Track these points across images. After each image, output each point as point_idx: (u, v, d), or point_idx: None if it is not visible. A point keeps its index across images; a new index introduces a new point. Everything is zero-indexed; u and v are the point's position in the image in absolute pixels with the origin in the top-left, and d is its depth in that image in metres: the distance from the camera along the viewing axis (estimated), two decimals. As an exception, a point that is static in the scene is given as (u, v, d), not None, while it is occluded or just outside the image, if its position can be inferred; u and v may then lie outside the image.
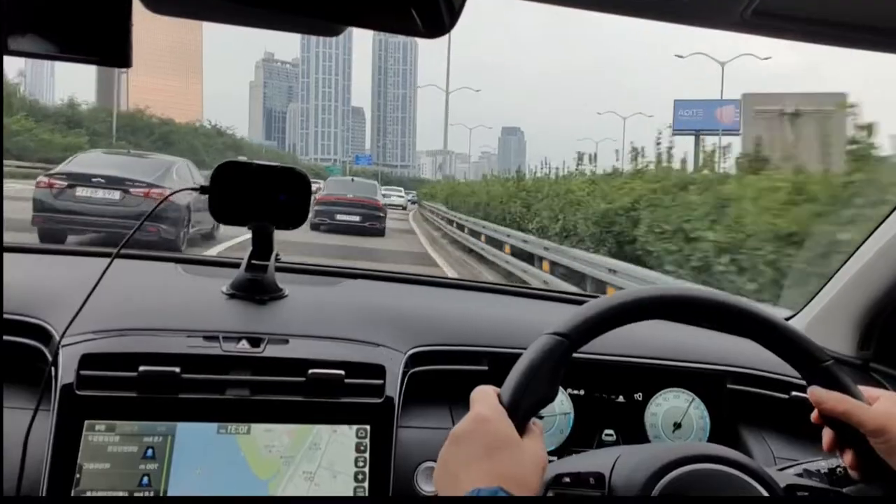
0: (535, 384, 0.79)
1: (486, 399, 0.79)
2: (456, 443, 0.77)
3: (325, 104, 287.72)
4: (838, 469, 0.92)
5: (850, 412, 0.83)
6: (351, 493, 1.05)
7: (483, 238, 14.59)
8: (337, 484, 1.04)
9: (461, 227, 17.94)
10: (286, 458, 1.04)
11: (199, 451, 1.02)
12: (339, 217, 16.70)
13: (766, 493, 0.82)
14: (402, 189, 51.57)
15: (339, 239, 14.35)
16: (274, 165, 1.24)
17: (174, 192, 1.30)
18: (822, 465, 0.96)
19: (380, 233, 17.20)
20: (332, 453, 1.06)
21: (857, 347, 1.44)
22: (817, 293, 1.53)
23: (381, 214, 17.58)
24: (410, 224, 26.19)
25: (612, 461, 0.86)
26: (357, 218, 16.87)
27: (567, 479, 0.84)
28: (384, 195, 20.65)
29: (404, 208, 40.24)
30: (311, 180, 1.27)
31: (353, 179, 20.38)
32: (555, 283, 9.23)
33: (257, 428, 1.05)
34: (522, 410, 0.78)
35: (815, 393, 0.86)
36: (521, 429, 0.77)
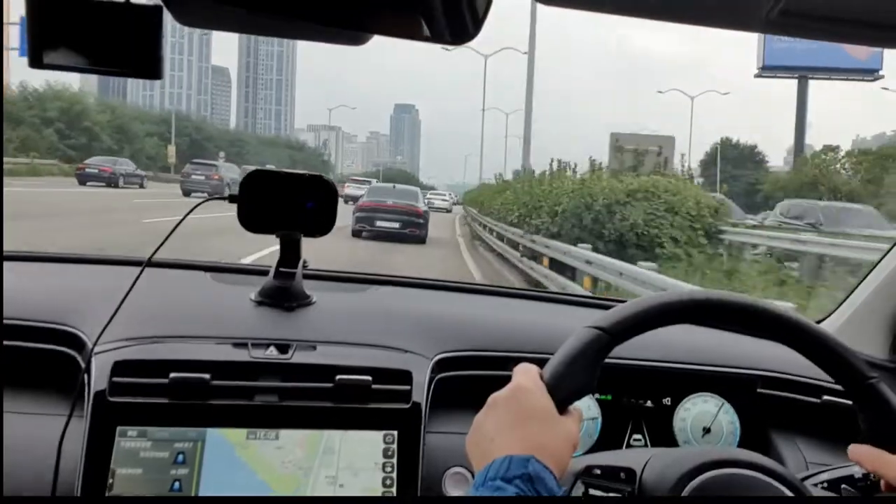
0: (575, 372, 0.80)
1: (528, 373, 0.81)
2: (493, 408, 0.79)
3: (175, 58, 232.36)
4: (872, 475, 0.91)
5: (879, 472, 0.83)
6: (379, 488, 1.05)
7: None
8: (361, 480, 1.05)
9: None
10: (304, 470, 1.05)
11: (229, 456, 1.04)
12: (379, 223, 16.84)
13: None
14: (445, 193, 51.22)
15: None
16: (301, 173, 1.25)
17: (205, 201, 1.31)
18: (856, 469, 0.95)
19: (420, 240, 17.26)
20: (348, 453, 1.06)
21: (890, 351, 1.42)
22: (848, 296, 1.51)
23: (422, 221, 17.57)
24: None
25: (644, 460, 0.86)
26: (397, 224, 16.97)
27: (598, 471, 0.85)
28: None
29: (448, 211, 39.94)
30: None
31: (394, 186, 20.37)
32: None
33: (277, 440, 1.06)
34: (562, 392, 0.79)
35: (854, 452, 0.85)
36: (560, 409, 0.78)
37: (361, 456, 1.06)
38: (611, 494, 0.84)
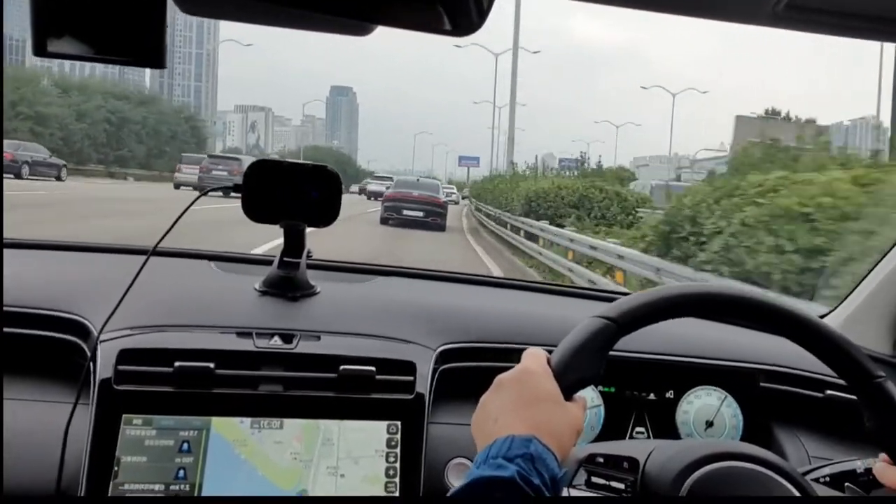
0: (582, 360, 0.80)
1: (535, 358, 0.82)
2: (499, 388, 0.79)
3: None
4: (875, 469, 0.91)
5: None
6: (382, 478, 1.06)
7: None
8: (362, 469, 1.06)
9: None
10: (305, 462, 1.05)
11: (233, 445, 1.04)
12: (405, 213, 18.99)
13: (797, 494, 0.81)
14: (452, 188, 51.77)
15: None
16: (305, 163, 1.25)
17: (208, 192, 1.31)
18: (858, 464, 0.95)
19: (440, 228, 19.14)
20: (346, 443, 1.07)
21: (893, 346, 1.42)
22: (852, 291, 1.50)
23: (442, 211, 19.77)
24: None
25: (648, 450, 0.86)
26: (421, 214, 19.09)
27: (601, 460, 0.85)
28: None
29: (456, 203, 41.22)
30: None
31: (418, 180, 22.81)
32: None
33: (282, 429, 1.06)
34: (568, 379, 0.79)
35: (879, 470, 0.86)
36: (566, 396, 0.78)
37: (360, 444, 1.07)
38: (613, 483, 0.85)
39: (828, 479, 0.96)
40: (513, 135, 24.26)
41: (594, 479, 0.85)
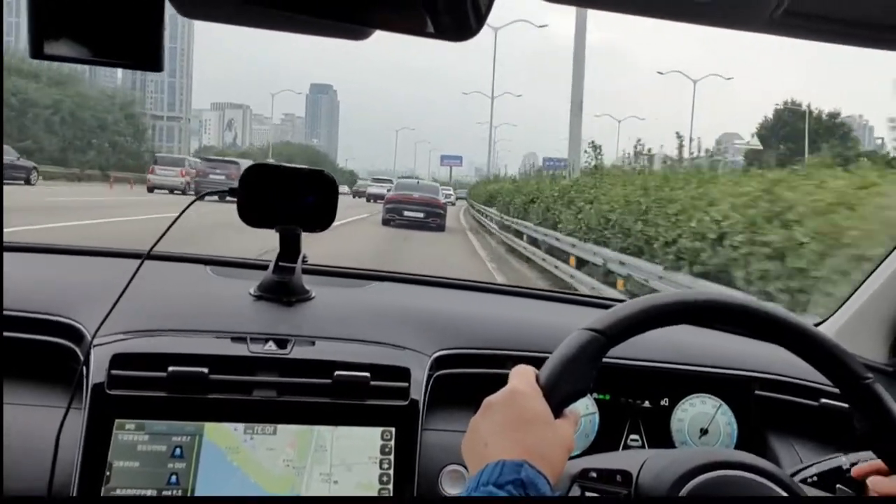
0: (571, 375, 0.80)
1: (524, 376, 0.81)
2: (489, 411, 0.79)
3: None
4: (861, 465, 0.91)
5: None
6: (375, 485, 1.06)
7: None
8: (355, 476, 1.05)
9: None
10: (297, 469, 1.05)
11: (226, 452, 1.04)
12: (406, 214, 19.91)
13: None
14: (449, 189, 51.99)
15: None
16: (301, 168, 1.25)
17: (205, 195, 1.31)
18: (843, 460, 0.96)
19: (440, 228, 20.07)
20: (340, 450, 1.07)
21: (888, 354, 1.42)
22: (847, 300, 1.50)
23: (442, 212, 20.74)
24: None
25: (641, 462, 0.86)
26: (421, 215, 19.97)
27: (594, 475, 0.85)
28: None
29: (453, 204, 41.88)
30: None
31: (418, 182, 23.87)
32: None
33: (275, 435, 1.06)
34: (557, 395, 0.79)
35: (873, 484, 0.85)
36: (555, 413, 0.78)
37: (354, 452, 1.06)
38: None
39: (815, 478, 0.96)
40: (579, 98, 18.12)
41: (588, 495, 0.85)
